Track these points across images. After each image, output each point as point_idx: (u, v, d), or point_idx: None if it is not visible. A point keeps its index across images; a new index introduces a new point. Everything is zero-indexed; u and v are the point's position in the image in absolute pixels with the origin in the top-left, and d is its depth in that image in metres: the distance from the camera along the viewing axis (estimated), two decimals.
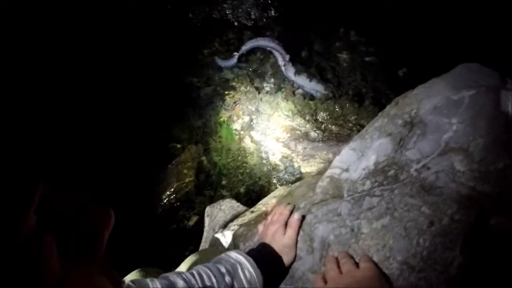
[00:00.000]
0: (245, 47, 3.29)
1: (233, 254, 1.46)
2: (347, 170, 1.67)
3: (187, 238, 2.95)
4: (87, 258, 0.59)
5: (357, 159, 1.66)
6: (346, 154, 1.69)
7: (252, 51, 3.33)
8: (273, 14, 3.53)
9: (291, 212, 1.66)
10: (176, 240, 2.99)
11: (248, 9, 3.52)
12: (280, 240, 1.54)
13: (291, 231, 1.56)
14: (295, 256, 1.55)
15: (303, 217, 1.63)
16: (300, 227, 1.60)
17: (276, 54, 3.20)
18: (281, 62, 3.14)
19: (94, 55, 3.32)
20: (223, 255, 1.48)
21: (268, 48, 3.22)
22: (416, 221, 1.33)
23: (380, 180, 1.56)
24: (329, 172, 1.71)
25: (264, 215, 1.96)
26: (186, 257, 1.82)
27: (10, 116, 2.64)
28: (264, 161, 2.79)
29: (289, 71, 3.08)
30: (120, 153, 3.00)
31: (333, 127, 2.74)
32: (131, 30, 3.38)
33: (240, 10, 3.51)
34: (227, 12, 3.53)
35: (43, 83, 3.02)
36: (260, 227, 1.75)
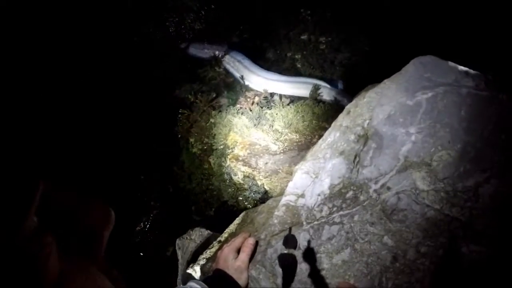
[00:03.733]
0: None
1: (190, 284, 1.39)
2: (302, 195, 1.49)
3: (165, 270, 2.83)
4: (88, 258, 0.59)
5: (311, 182, 1.48)
6: (300, 179, 1.51)
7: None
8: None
9: (245, 239, 1.54)
10: (155, 272, 2.86)
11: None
12: (232, 264, 1.47)
13: (243, 255, 1.48)
14: (248, 278, 1.44)
15: (257, 242, 1.50)
16: (253, 251, 1.48)
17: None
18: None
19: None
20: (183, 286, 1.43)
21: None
22: (378, 255, 1.16)
23: (338, 204, 1.38)
24: (284, 200, 1.53)
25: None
26: None
27: (11, 116, 2.66)
28: (227, 182, 2.61)
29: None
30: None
31: (294, 135, 2.56)
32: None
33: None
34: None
35: (44, 84, 2.98)
36: (218, 254, 1.64)
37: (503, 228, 1.02)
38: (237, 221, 2.02)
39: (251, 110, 2.70)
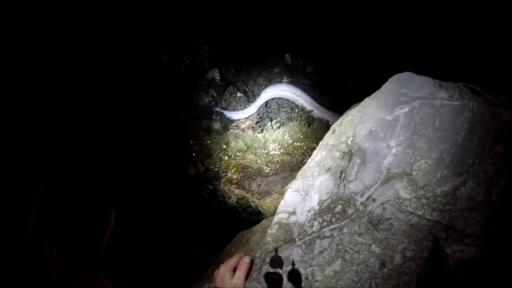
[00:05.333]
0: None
1: None
2: (293, 213, 1.55)
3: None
4: (88, 258, 0.58)
5: (301, 199, 1.54)
6: (290, 197, 1.57)
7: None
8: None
9: (241, 258, 1.58)
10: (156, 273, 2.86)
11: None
12: (229, 282, 1.50)
13: (239, 273, 1.52)
14: None
15: (252, 261, 1.53)
16: (249, 269, 1.52)
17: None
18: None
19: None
20: None
21: None
22: (367, 263, 1.21)
23: (328, 219, 1.44)
24: (276, 218, 1.58)
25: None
26: None
27: (12, 116, 2.65)
28: (223, 205, 2.66)
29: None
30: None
31: (285, 157, 2.63)
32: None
33: None
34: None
35: (44, 84, 2.97)
36: (215, 273, 1.67)
37: (483, 226, 1.08)
38: (234, 240, 2.07)
39: (243, 133, 2.78)
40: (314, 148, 2.54)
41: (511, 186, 1.08)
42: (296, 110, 2.95)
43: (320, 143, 1.70)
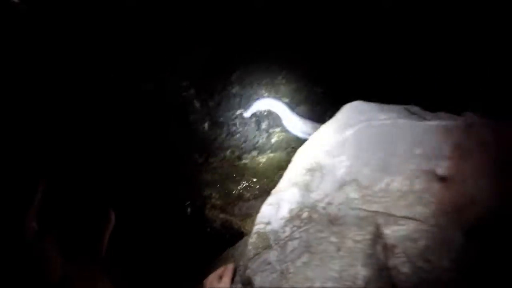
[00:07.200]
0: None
1: None
2: (269, 223, 1.86)
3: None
4: (89, 258, 0.58)
5: (275, 211, 1.86)
6: (266, 210, 1.89)
7: None
8: None
9: (225, 267, 1.87)
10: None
11: None
12: (217, 286, 1.82)
13: (225, 278, 1.84)
14: None
15: (236, 268, 1.82)
16: (234, 274, 1.78)
17: None
18: None
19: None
20: None
21: None
22: (327, 251, 1.52)
23: (297, 224, 1.75)
24: (255, 229, 1.89)
25: None
26: None
27: (12, 115, 2.58)
28: (208, 230, 2.94)
29: None
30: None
31: (265, 182, 2.96)
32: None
33: None
34: None
35: (45, 83, 2.96)
36: (204, 281, 1.94)
37: (410, 208, 1.42)
38: (220, 257, 2.36)
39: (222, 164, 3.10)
40: None
41: (428, 178, 1.43)
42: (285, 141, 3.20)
43: (289, 165, 2.04)
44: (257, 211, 1.98)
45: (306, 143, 2.02)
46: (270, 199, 1.91)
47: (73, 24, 3.14)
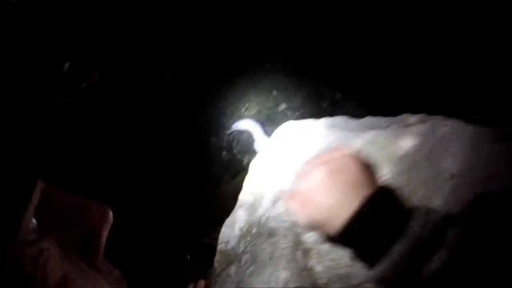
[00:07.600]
0: None
1: None
2: (228, 242, 2.18)
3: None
4: (87, 258, 0.54)
5: (230, 231, 2.17)
6: (223, 232, 2.23)
7: None
8: None
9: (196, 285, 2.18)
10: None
11: None
12: None
13: None
14: None
15: (208, 284, 2.14)
16: None
17: None
18: None
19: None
20: None
21: None
22: (263, 260, 1.83)
23: (248, 239, 2.06)
24: (218, 248, 2.22)
25: None
26: None
27: (10, 116, 2.35)
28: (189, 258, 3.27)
29: None
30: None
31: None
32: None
33: None
34: None
35: (45, 83, 2.72)
36: None
37: None
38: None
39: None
40: None
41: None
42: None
43: (241, 192, 2.36)
44: None
45: (250, 170, 2.34)
46: (226, 222, 2.24)
47: (73, 24, 2.94)
